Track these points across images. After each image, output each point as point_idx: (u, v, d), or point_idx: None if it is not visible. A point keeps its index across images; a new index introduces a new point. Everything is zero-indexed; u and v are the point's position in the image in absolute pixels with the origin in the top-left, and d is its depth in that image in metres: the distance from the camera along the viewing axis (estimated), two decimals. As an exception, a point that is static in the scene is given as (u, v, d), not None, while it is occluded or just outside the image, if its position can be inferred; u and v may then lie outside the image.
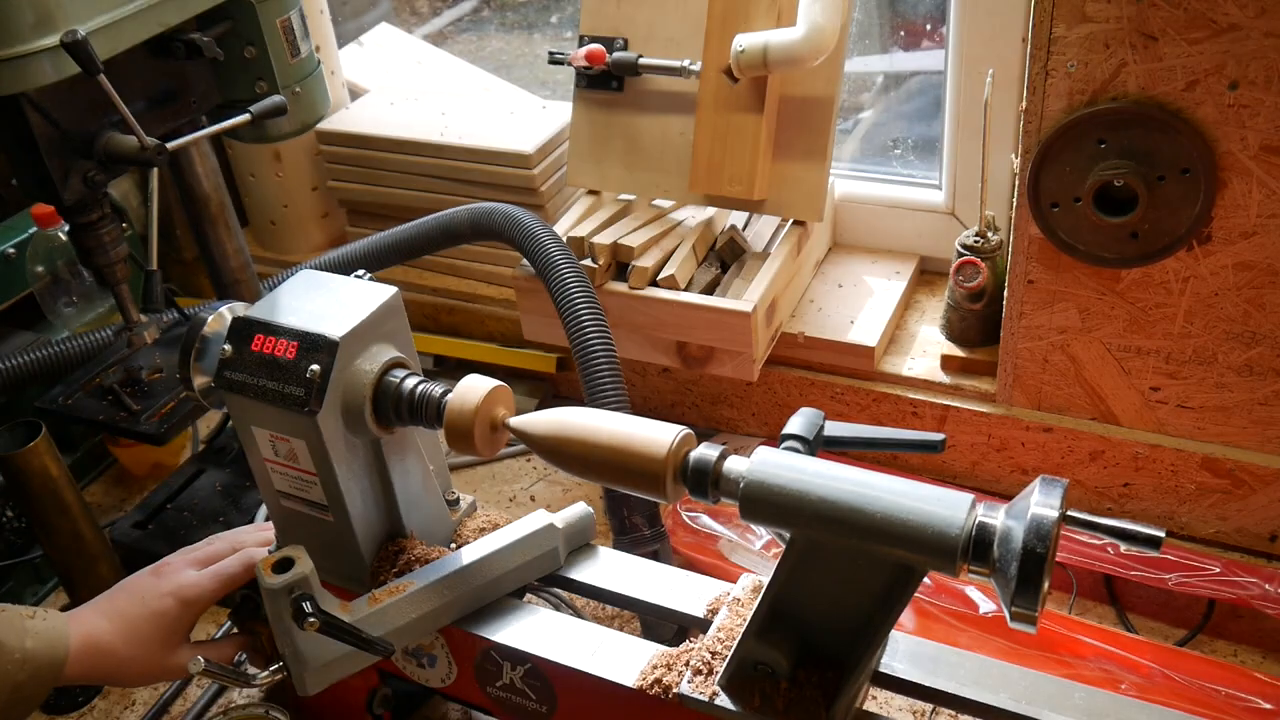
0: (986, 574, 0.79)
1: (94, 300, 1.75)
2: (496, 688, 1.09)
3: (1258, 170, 1.19)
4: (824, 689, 0.90)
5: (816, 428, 0.96)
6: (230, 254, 1.56)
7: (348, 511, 1.04)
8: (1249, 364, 1.31)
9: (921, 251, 1.74)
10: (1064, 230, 1.30)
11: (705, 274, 1.55)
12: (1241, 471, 1.38)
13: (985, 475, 1.58)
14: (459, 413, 0.96)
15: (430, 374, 1.08)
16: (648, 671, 0.98)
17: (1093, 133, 1.23)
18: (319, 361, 0.97)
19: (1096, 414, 1.44)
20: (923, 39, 1.78)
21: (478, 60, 2.17)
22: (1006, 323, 1.42)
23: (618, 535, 1.40)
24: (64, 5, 1.06)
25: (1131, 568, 1.37)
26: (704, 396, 1.76)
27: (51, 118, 1.13)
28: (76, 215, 1.22)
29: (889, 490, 0.81)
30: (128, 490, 1.80)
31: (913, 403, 1.56)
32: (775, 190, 1.52)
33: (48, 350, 1.52)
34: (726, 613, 1.00)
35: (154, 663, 1.10)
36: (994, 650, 1.32)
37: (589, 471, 0.92)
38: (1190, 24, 1.13)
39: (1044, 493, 0.77)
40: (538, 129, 1.74)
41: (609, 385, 1.29)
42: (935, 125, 1.70)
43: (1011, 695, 0.91)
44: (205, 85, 1.33)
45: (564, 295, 1.36)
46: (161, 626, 1.10)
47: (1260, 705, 1.24)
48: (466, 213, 1.54)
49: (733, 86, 1.44)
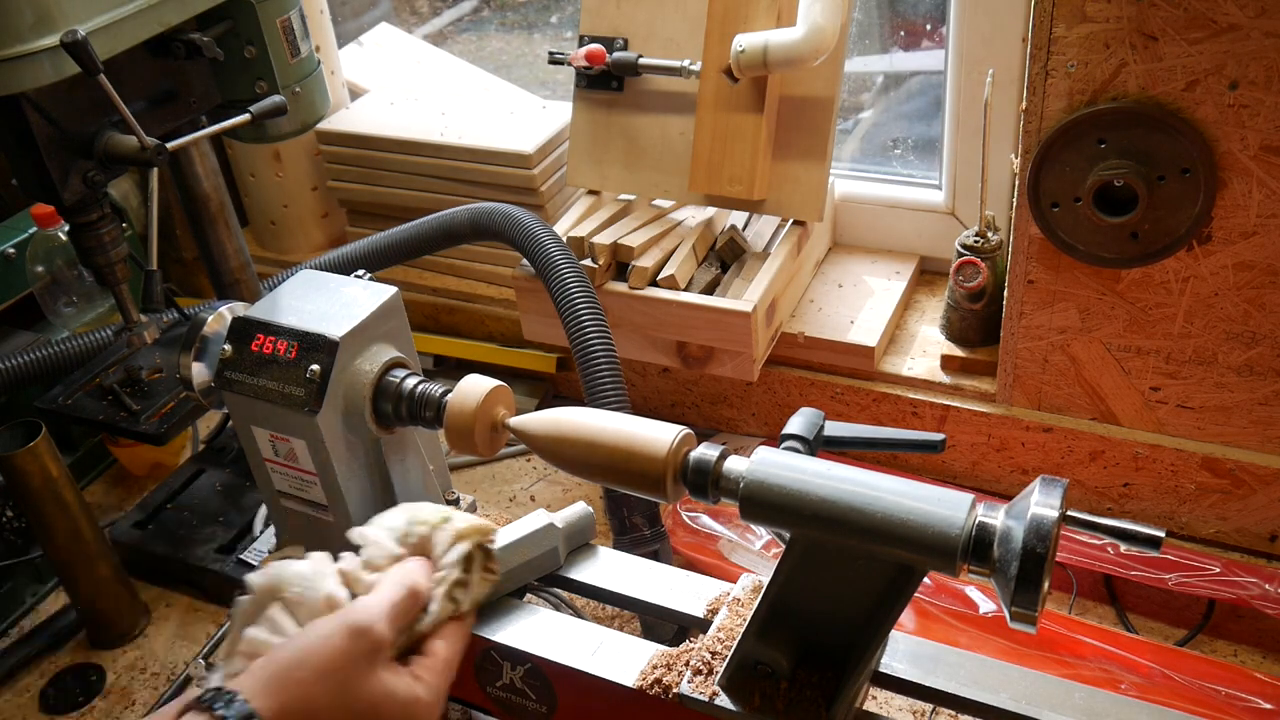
0: (986, 574, 0.79)
1: (94, 300, 1.75)
2: (496, 688, 1.09)
3: (1258, 170, 1.19)
4: (824, 689, 0.90)
5: (816, 428, 0.96)
6: (230, 254, 1.56)
7: (348, 511, 1.04)
8: (1249, 364, 1.31)
9: (921, 251, 1.74)
10: (1064, 230, 1.30)
11: (705, 274, 1.55)
12: (1241, 471, 1.38)
13: (985, 475, 1.58)
14: (459, 413, 0.96)
15: (430, 374, 1.08)
16: (648, 671, 0.98)
17: (1093, 133, 1.23)
18: (319, 361, 0.97)
19: (1096, 414, 1.44)
20: (923, 39, 1.78)
21: (478, 60, 2.17)
22: (1006, 323, 1.42)
23: (618, 535, 1.40)
24: (64, 5, 1.06)
25: (1131, 568, 1.37)
26: (704, 396, 1.76)
27: (51, 118, 1.13)
28: (76, 215, 1.22)
29: (889, 490, 0.81)
30: (128, 490, 1.80)
31: (913, 403, 1.56)
32: (775, 190, 1.52)
33: (48, 350, 1.52)
34: (726, 613, 1.00)
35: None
36: (994, 650, 1.32)
37: (589, 471, 0.92)
38: (1190, 24, 1.13)
39: (1044, 493, 0.77)
40: (538, 129, 1.74)
41: (609, 385, 1.29)
42: (935, 125, 1.70)
43: (1011, 695, 0.90)
44: (205, 85, 1.33)
45: (564, 295, 1.36)
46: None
47: (1260, 705, 1.24)
48: (466, 213, 1.54)
49: (733, 86, 1.44)
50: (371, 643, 0.75)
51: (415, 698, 0.75)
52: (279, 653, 0.75)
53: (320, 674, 0.73)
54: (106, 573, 1.50)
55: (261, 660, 0.75)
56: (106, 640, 1.54)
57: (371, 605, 0.76)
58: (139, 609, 1.57)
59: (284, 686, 0.73)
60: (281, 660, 0.74)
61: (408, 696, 0.75)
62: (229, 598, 1.16)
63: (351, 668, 0.74)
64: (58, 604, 1.61)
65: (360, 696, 0.74)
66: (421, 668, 0.78)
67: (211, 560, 1.57)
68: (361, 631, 0.74)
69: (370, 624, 0.75)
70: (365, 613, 0.75)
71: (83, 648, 1.54)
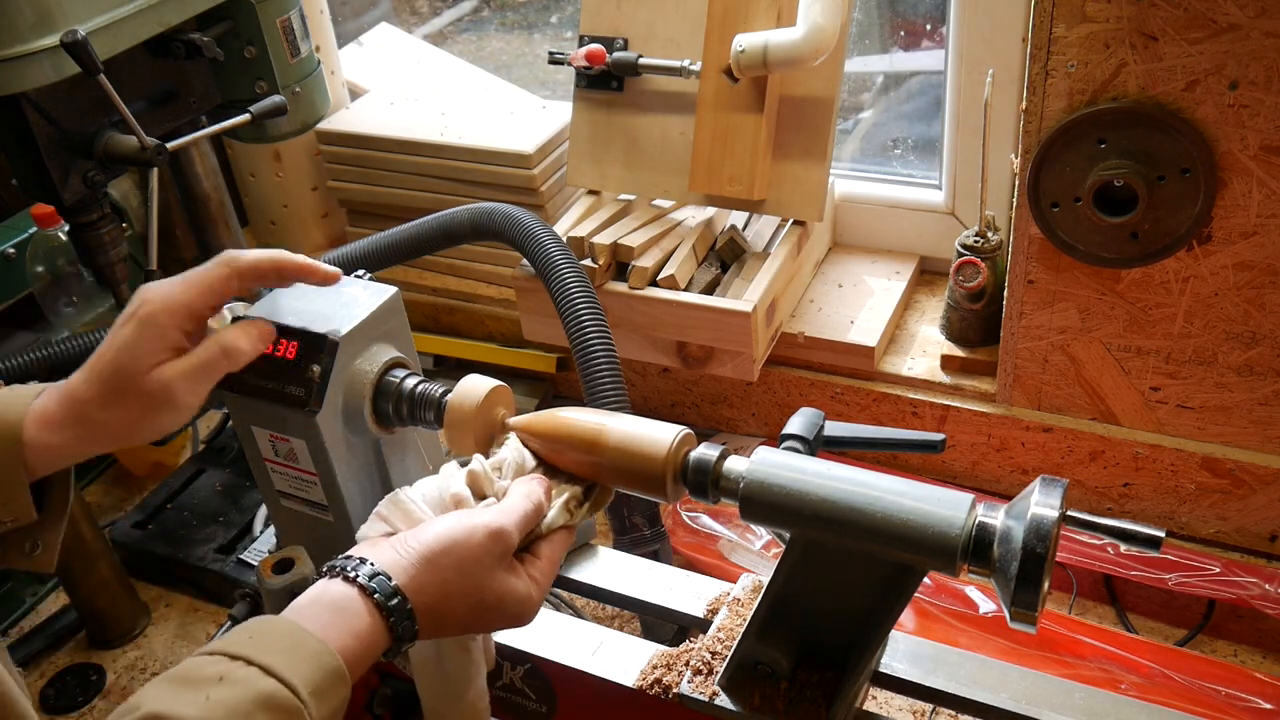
0: (986, 574, 0.79)
1: (94, 300, 1.75)
2: (496, 688, 1.09)
3: (1258, 170, 1.18)
4: (824, 689, 0.90)
5: (816, 428, 0.96)
6: (230, 254, 1.55)
7: (348, 511, 1.04)
8: (1249, 364, 1.31)
9: (921, 251, 1.74)
10: (1064, 230, 1.30)
11: (705, 274, 1.55)
12: (1241, 471, 1.38)
13: (985, 475, 1.58)
14: (459, 412, 0.96)
15: (430, 374, 1.08)
16: (648, 671, 0.98)
17: (1093, 133, 1.23)
18: (319, 361, 0.97)
19: (1096, 414, 1.44)
20: (923, 39, 1.78)
21: (478, 60, 2.17)
22: (1006, 323, 1.42)
23: (618, 535, 1.40)
24: (64, 5, 1.06)
25: (1131, 568, 1.37)
26: (704, 396, 1.76)
27: (51, 118, 1.13)
28: (76, 215, 1.22)
29: (889, 490, 0.81)
30: (128, 490, 1.80)
31: (913, 403, 1.56)
32: (775, 190, 1.52)
33: (48, 350, 1.52)
34: (726, 613, 1.00)
35: (131, 389, 0.86)
36: (994, 650, 1.32)
37: (589, 471, 0.92)
38: (1190, 24, 1.13)
39: (1044, 493, 0.77)
40: (538, 129, 1.74)
41: (609, 385, 1.29)
42: (935, 125, 1.70)
43: (1011, 695, 0.90)
44: (205, 85, 1.33)
45: (564, 295, 1.36)
46: (129, 347, 0.87)
47: (1260, 705, 1.24)
48: (466, 213, 1.54)
49: (733, 86, 1.44)
50: (505, 545, 0.83)
51: (529, 595, 0.84)
52: (421, 535, 0.82)
53: (460, 563, 0.81)
54: (106, 573, 1.50)
55: (400, 537, 0.83)
56: (106, 640, 1.54)
57: (509, 511, 0.85)
58: (139, 609, 1.57)
59: (427, 568, 0.80)
60: (426, 543, 0.81)
61: (524, 594, 0.84)
62: (229, 597, 1.16)
63: (487, 563, 0.82)
64: (58, 604, 1.61)
65: (489, 589, 0.83)
66: (535, 569, 0.86)
67: (211, 560, 1.57)
68: (500, 535, 0.82)
69: (508, 531, 0.83)
70: (505, 517, 0.84)
71: (83, 648, 1.54)
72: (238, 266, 0.91)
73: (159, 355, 0.87)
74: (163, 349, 0.88)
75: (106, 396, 0.87)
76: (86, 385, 0.88)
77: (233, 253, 0.93)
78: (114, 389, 0.87)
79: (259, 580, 1.01)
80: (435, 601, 0.80)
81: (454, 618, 0.82)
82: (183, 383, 0.88)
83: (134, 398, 0.87)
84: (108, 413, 0.87)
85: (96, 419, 0.88)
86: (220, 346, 0.91)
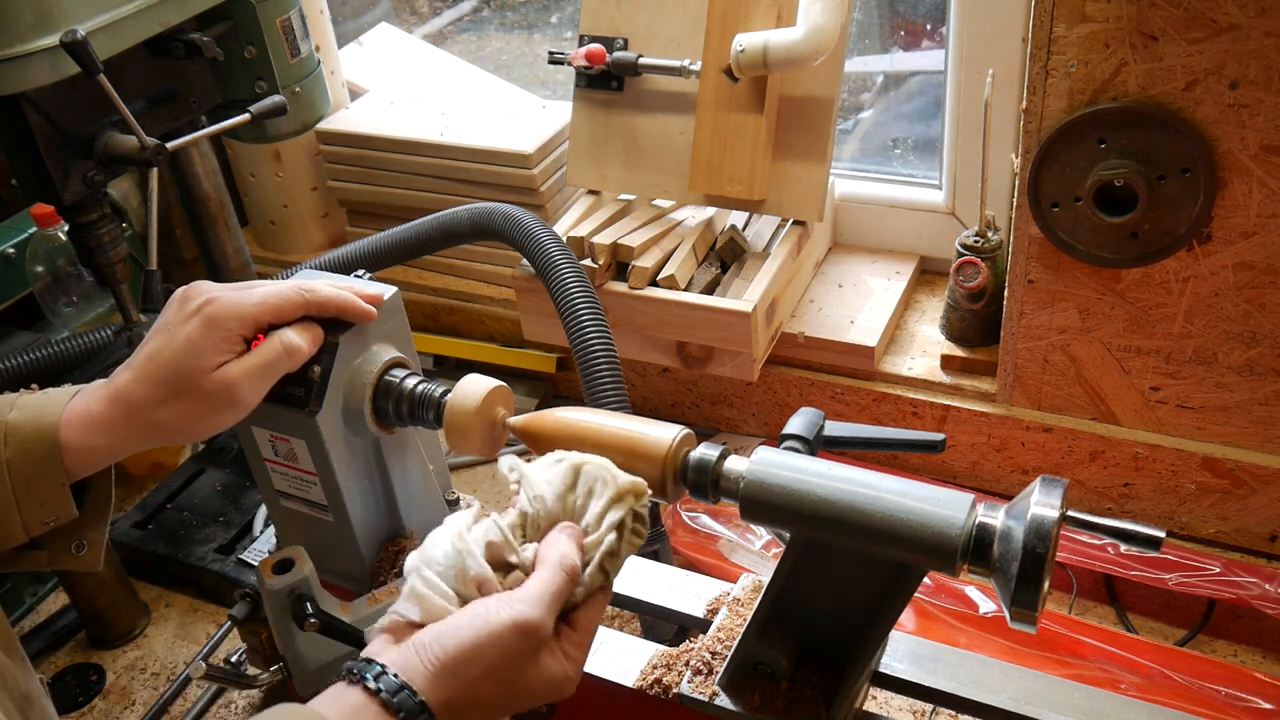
0: (986, 574, 0.79)
1: (94, 300, 1.75)
2: (496, 688, 1.09)
3: (1258, 170, 1.18)
4: (824, 689, 0.90)
5: (816, 428, 0.96)
6: (230, 254, 1.56)
7: (348, 511, 1.04)
8: (1249, 364, 1.31)
9: (921, 251, 1.74)
10: (1064, 230, 1.30)
11: (705, 274, 1.55)
12: (1241, 471, 1.38)
13: (985, 475, 1.58)
14: (459, 412, 0.96)
15: (430, 374, 1.08)
16: (648, 671, 0.98)
17: (1093, 133, 1.23)
18: (319, 361, 0.97)
19: (1096, 414, 1.44)
20: (923, 39, 1.78)
21: (478, 60, 2.17)
22: (1006, 323, 1.42)
23: (618, 535, 1.40)
24: (64, 5, 1.06)
25: (1131, 568, 1.37)
26: (704, 396, 1.76)
27: (51, 118, 1.13)
28: (76, 215, 1.22)
29: (889, 490, 0.81)
30: (128, 490, 1.80)
31: (913, 403, 1.56)
32: (775, 190, 1.52)
33: (48, 350, 1.52)
34: (726, 613, 1.00)
35: (194, 388, 0.87)
36: (994, 650, 1.32)
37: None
38: (1190, 24, 1.13)
39: (1044, 493, 0.77)
40: (538, 129, 1.74)
41: (609, 385, 1.29)
42: (935, 125, 1.70)
43: (1011, 695, 0.90)
44: (205, 85, 1.33)
45: (564, 295, 1.36)
46: (193, 346, 0.87)
47: (1260, 705, 1.24)
48: (466, 213, 1.54)
49: (733, 86, 1.44)
50: (538, 639, 0.76)
51: (565, 675, 0.77)
52: (446, 641, 0.75)
53: (490, 669, 0.75)
54: (106, 573, 1.50)
55: (423, 641, 0.75)
56: (106, 640, 1.54)
57: (537, 597, 0.76)
58: (139, 609, 1.57)
59: (455, 680, 0.74)
60: (451, 653, 0.74)
61: (560, 676, 0.77)
62: (229, 597, 1.16)
63: (519, 663, 0.76)
64: (58, 604, 1.61)
65: (520, 685, 0.76)
66: (570, 643, 0.79)
67: (211, 560, 1.57)
68: (530, 631, 0.75)
69: (540, 623, 0.76)
70: (534, 609, 0.76)
71: (83, 648, 1.54)
72: (313, 300, 0.94)
73: (223, 355, 0.89)
74: (227, 350, 0.89)
75: (166, 395, 0.88)
76: (141, 385, 0.88)
77: (310, 284, 0.95)
78: (175, 388, 0.88)
79: (259, 580, 1.01)
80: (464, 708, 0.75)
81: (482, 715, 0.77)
82: (247, 381, 0.89)
83: (196, 397, 0.88)
84: (167, 411, 0.88)
85: (154, 419, 0.88)
86: (284, 345, 0.91)
